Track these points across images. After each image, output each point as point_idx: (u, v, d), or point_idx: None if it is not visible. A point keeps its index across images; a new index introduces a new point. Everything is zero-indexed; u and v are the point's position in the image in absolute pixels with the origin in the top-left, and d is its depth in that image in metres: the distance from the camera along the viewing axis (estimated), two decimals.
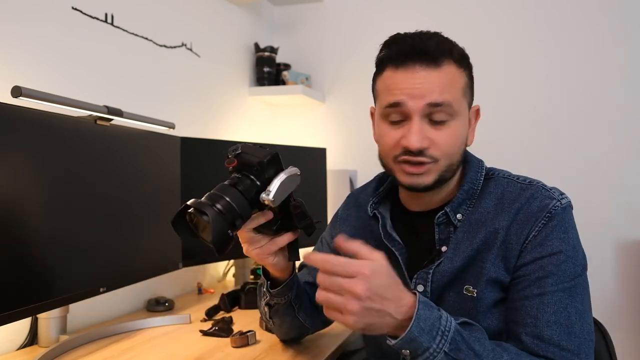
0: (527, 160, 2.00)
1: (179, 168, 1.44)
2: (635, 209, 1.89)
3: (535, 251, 0.81)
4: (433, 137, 0.83)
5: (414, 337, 0.70)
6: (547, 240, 0.81)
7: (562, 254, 0.80)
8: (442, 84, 0.82)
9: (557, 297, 0.79)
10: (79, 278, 1.08)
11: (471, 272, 0.85)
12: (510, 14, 2.06)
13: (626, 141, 1.92)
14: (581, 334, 0.78)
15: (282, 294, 0.94)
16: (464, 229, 0.87)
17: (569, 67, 1.99)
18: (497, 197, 0.88)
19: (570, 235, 0.82)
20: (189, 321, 1.33)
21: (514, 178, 0.90)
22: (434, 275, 0.87)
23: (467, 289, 0.85)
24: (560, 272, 0.80)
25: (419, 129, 0.82)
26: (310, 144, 2.30)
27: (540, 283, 0.80)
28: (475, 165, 0.92)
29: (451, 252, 0.86)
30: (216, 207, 0.73)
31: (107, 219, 1.16)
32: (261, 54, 2.17)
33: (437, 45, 0.83)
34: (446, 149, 0.84)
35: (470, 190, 0.89)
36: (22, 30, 1.16)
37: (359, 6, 2.28)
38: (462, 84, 0.85)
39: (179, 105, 1.73)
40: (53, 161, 1.02)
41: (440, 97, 0.81)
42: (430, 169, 0.84)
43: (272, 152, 0.77)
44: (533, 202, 0.84)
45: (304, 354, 1.08)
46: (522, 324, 0.79)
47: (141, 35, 1.54)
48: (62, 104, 1.05)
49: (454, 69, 0.84)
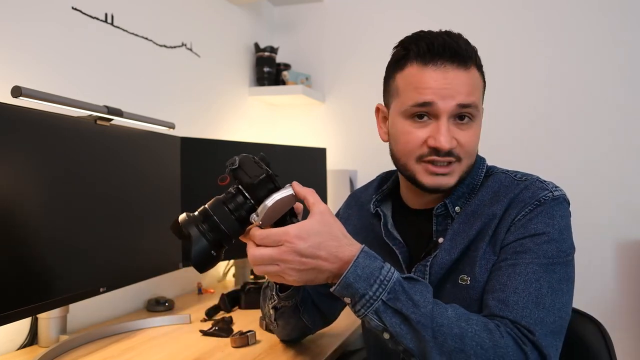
0: (527, 160, 2.00)
1: (179, 168, 1.44)
2: (635, 209, 1.89)
3: (518, 232, 0.81)
4: (458, 138, 0.84)
5: (350, 282, 0.72)
6: (530, 222, 0.81)
7: (544, 235, 0.80)
8: (471, 86, 0.84)
9: (530, 269, 0.77)
10: (79, 278, 1.08)
11: (466, 262, 0.85)
12: (511, 14, 2.06)
13: (626, 141, 1.92)
14: (551, 308, 0.75)
15: (290, 297, 0.93)
16: (460, 220, 0.88)
17: (569, 67, 1.99)
18: (494, 190, 0.89)
19: (556, 221, 0.81)
20: (189, 321, 1.33)
21: (511, 174, 0.91)
22: (432, 267, 0.87)
23: (462, 278, 0.85)
24: (539, 251, 0.79)
25: (448, 129, 0.82)
26: (310, 144, 2.30)
27: (516, 256, 0.79)
28: (477, 162, 0.93)
29: (448, 244, 0.87)
30: (202, 227, 0.73)
31: (107, 219, 1.16)
32: (261, 54, 2.17)
33: (466, 47, 0.84)
34: (469, 149, 0.86)
35: (471, 184, 0.90)
36: (22, 30, 1.16)
37: (359, 6, 2.28)
38: (482, 87, 0.88)
39: (179, 105, 1.73)
40: (53, 161, 1.02)
41: (468, 99, 0.83)
42: (455, 169, 0.86)
43: (266, 173, 0.74)
44: (526, 192, 0.84)
45: (304, 354, 1.08)
46: (490, 291, 0.79)
47: (141, 35, 1.54)
48: (62, 104, 1.05)
49: (476, 72, 0.86)
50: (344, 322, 1.29)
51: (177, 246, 1.42)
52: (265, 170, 0.75)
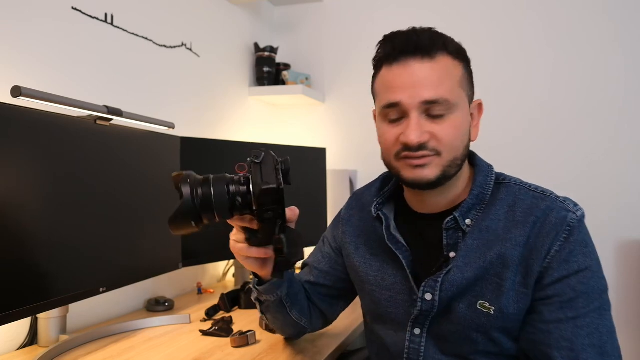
0: (527, 160, 2.00)
1: (179, 168, 1.44)
2: (635, 209, 1.89)
3: (561, 269, 0.79)
4: (433, 131, 0.82)
5: None
6: (571, 256, 0.79)
7: (588, 271, 0.79)
8: (438, 77, 0.81)
9: (589, 319, 0.78)
10: (79, 278, 1.08)
11: (487, 288, 0.83)
12: (511, 13, 2.06)
13: (627, 141, 1.91)
14: (613, 353, 0.78)
15: (269, 292, 0.94)
16: (473, 236, 0.85)
17: (570, 67, 1.99)
18: (509, 204, 0.86)
19: (590, 248, 0.81)
20: (189, 321, 1.33)
21: (525, 186, 0.88)
22: (443, 284, 0.84)
23: (482, 304, 0.83)
24: (590, 290, 0.79)
25: (416, 124, 0.81)
26: (310, 144, 2.30)
27: (572, 305, 0.78)
28: (484, 169, 0.90)
29: (461, 261, 0.84)
30: (195, 191, 0.72)
31: (107, 218, 1.16)
32: (261, 54, 2.17)
33: (430, 38, 0.82)
34: (448, 141, 0.82)
35: (480, 195, 0.87)
36: (22, 30, 1.16)
37: (358, 6, 2.28)
38: (458, 76, 0.84)
39: (179, 105, 1.73)
40: (53, 161, 1.02)
41: (435, 93, 0.80)
42: (433, 161, 0.83)
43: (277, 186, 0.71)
44: (550, 214, 0.82)
45: (304, 354, 1.08)
46: (556, 347, 0.78)
47: (141, 35, 1.54)
48: (62, 104, 1.05)
49: (449, 61, 0.83)
50: (344, 322, 1.30)
51: (177, 246, 1.43)
52: (278, 183, 0.72)
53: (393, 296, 0.93)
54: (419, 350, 0.89)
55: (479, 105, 0.91)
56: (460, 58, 0.85)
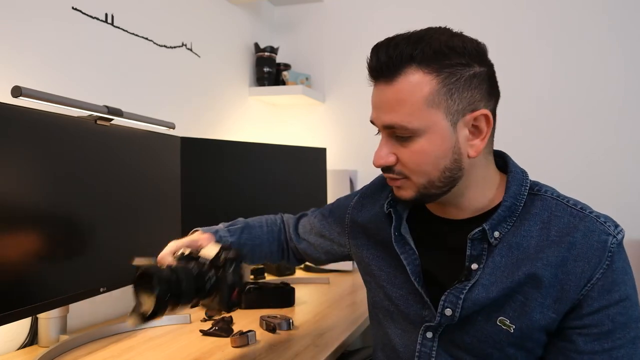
0: (527, 160, 1.99)
1: (179, 168, 1.44)
2: (635, 209, 1.89)
3: (602, 299, 0.74)
4: (398, 153, 0.78)
5: None
6: (614, 285, 0.74)
7: (628, 300, 0.75)
8: (396, 101, 0.75)
9: (624, 350, 0.75)
10: (79, 278, 1.08)
11: (510, 305, 0.78)
12: (511, 13, 2.06)
13: (627, 141, 1.92)
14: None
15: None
16: (502, 252, 0.78)
17: (570, 67, 1.99)
18: (543, 221, 0.79)
19: (629, 276, 0.77)
20: (189, 321, 1.33)
21: (563, 200, 0.80)
22: (465, 301, 0.79)
23: (502, 321, 0.78)
24: (628, 321, 0.75)
25: (384, 145, 0.79)
26: (310, 144, 2.30)
27: (609, 336, 0.74)
28: (518, 177, 0.82)
29: (487, 279, 0.78)
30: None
31: (107, 218, 1.16)
32: (261, 54, 2.17)
33: (396, 57, 0.74)
34: (412, 167, 0.77)
35: (513, 206, 0.79)
36: (22, 30, 1.16)
37: (359, 6, 2.28)
38: (424, 94, 0.73)
39: (179, 105, 1.73)
40: (53, 161, 1.02)
41: (390, 119, 0.76)
42: (404, 184, 0.80)
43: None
44: (590, 237, 0.75)
45: (304, 354, 1.08)
46: None
47: (141, 35, 1.54)
48: (62, 104, 1.05)
49: (415, 79, 0.73)
50: (344, 322, 1.30)
51: None
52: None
53: (404, 295, 0.88)
54: (430, 354, 0.85)
55: (484, 116, 0.78)
56: (440, 66, 0.73)
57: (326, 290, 1.68)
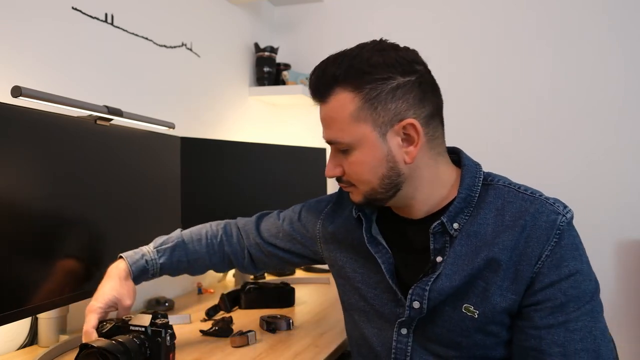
0: (527, 160, 2.00)
1: (179, 168, 1.44)
2: (635, 209, 1.89)
3: (552, 274, 0.78)
4: (343, 165, 0.86)
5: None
6: (562, 261, 0.78)
7: (579, 274, 0.78)
8: (330, 118, 0.84)
9: (581, 323, 0.77)
10: (79, 278, 1.08)
11: (472, 291, 0.82)
12: (511, 13, 2.06)
13: (627, 141, 1.92)
14: (607, 356, 0.77)
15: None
16: (462, 242, 0.83)
17: (570, 67, 1.99)
18: (497, 208, 0.83)
19: (580, 251, 0.80)
20: (189, 321, 1.33)
21: (514, 187, 0.85)
22: (431, 292, 0.83)
23: (467, 308, 0.82)
24: (581, 294, 0.78)
25: (332, 158, 0.87)
26: (310, 144, 2.30)
27: (563, 309, 0.77)
28: (471, 169, 0.87)
29: (449, 269, 0.82)
30: None
31: (107, 218, 1.16)
32: (261, 54, 2.17)
33: (323, 78, 0.83)
34: (354, 177, 0.85)
35: (468, 197, 0.84)
36: (22, 30, 1.16)
37: (358, 6, 2.28)
38: (349, 111, 0.80)
39: (179, 105, 1.73)
40: (53, 161, 1.02)
41: (327, 135, 0.86)
42: (353, 191, 0.88)
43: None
44: (539, 217, 0.79)
45: (304, 354, 1.08)
46: (548, 353, 0.77)
47: (141, 35, 1.54)
48: (62, 104, 1.05)
49: (342, 97, 0.81)
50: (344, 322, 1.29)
51: None
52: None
53: (379, 294, 0.92)
54: (406, 350, 0.88)
55: (410, 125, 0.79)
56: (361, 86, 0.79)
57: (326, 290, 1.68)
